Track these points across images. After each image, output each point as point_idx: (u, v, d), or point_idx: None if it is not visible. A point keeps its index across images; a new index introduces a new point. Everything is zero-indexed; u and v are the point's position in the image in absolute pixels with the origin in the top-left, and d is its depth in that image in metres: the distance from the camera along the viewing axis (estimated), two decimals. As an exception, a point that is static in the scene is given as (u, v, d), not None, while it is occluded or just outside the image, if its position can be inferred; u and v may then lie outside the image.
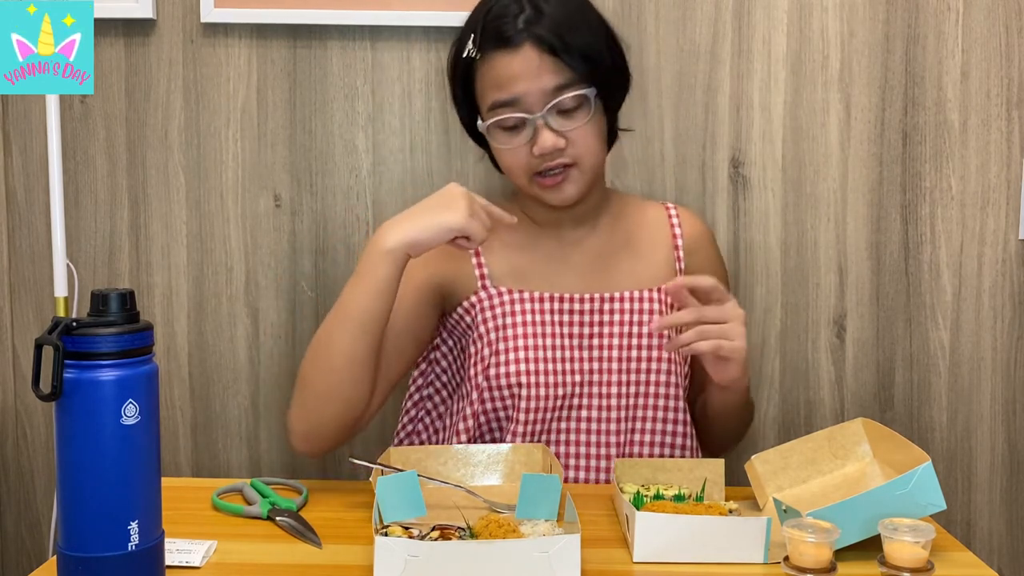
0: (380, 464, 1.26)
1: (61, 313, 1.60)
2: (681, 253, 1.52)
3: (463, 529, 1.12)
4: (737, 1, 1.74)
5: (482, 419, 1.43)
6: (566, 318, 1.44)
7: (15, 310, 1.80)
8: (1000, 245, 1.77)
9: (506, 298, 1.44)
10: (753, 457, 1.29)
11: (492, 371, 1.41)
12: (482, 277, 1.45)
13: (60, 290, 1.60)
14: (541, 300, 1.44)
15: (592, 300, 1.45)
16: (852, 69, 1.75)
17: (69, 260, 1.62)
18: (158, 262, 1.79)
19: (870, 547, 1.07)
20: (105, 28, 1.72)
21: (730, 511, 1.22)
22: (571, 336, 1.44)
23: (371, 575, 1.01)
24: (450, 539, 1.09)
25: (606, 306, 1.45)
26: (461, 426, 1.44)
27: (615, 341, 1.45)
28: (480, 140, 1.48)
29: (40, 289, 1.79)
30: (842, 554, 1.06)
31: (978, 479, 1.81)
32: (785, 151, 1.76)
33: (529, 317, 1.43)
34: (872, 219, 1.77)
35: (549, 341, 1.43)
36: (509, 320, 1.43)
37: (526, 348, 1.42)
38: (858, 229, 1.77)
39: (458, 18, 1.69)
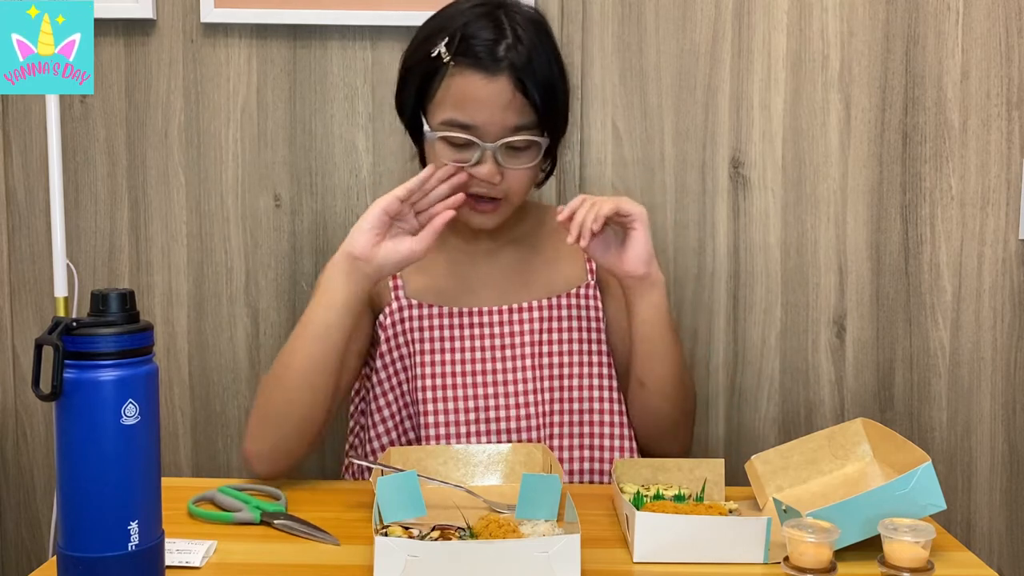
0: (380, 464, 1.26)
1: (61, 313, 1.60)
2: None
3: (463, 529, 1.12)
4: (737, 1, 1.74)
5: (395, 435, 1.44)
6: (477, 331, 1.45)
7: (15, 310, 1.80)
8: (1000, 245, 1.77)
9: (416, 312, 1.44)
10: (753, 457, 1.29)
11: (405, 387, 1.43)
12: (396, 288, 1.46)
13: (60, 290, 1.60)
14: (451, 315, 1.44)
15: (501, 312, 1.45)
16: (852, 69, 1.75)
17: (69, 260, 1.62)
18: (158, 262, 1.79)
19: (870, 547, 1.07)
20: (105, 28, 1.72)
21: (730, 511, 1.22)
22: (483, 349, 1.44)
23: (371, 575, 1.01)
24: (450, 539, 1.09)
25: (515, 316, 1.46)
26: (376, 444, 1.44)
27: (528, 350, 1.44)
28: (415, 136, 1.45)
29: (40, 289, 1.79)
30: (842, 554, 1.06)
31: (978, 479, 1.81)
32: (785, 151, 1.76)
33: (438, 333, 1.44)
34: (872, 219, 1.77)
35: (458, 356, 1.43)
36: (418, 335, 1.43)
37: (433, 364, 1.42)
38: (858, 229, 1.77)
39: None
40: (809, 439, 1.30)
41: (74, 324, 0.92)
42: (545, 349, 1.45)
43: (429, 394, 1.41)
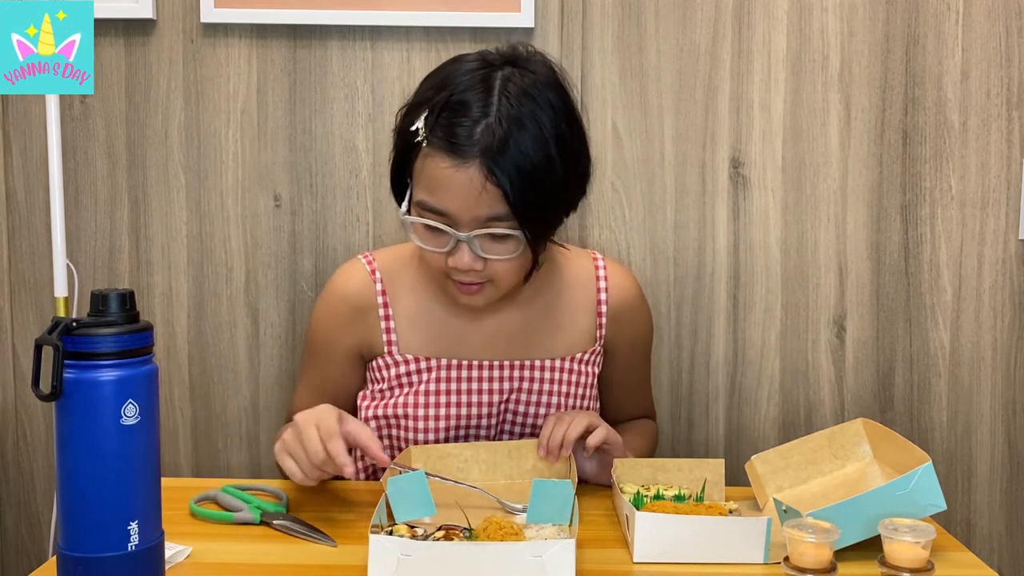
0: (397, 465, 1.27)
1: (61, 313, 1.60)
2: (604, 320, 1.45)
3: (467, 530, 1.12)
4: (737, 1, 1.74)
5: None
6: (475, 385, 1.40)
7: (15, 310, 1.80)
8: (1000, 245, 1.77)
9: (412, 367, 1.39)
10: (753, 457, 1.29)
11: (389, 431, 1.40)
12: (389, 344, 1.40)
13: (60, 290, 1.60)
14: (448, 367, 1.39)
15: (502, 367, 1.40)
16: (852, 69, 1.75)
17: (69, 260, 1.62)
18: (158, 262, 1.79)
19: (870, 547, 1.07)
20: (105, 28, 1.72)
21: (730, 511, 1.22)
22: (479, 404, 1.40)
23: (366, 574, 1.01)
24: (453, 539, 1.09)
25: (516, 373, 1.41)
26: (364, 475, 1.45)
27: (521, 408, 1.41)
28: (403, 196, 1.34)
29: (40, 289, 1.79)
30: (842, 554, 1.06)
31: (978, 479, 1.81)
32: (785, 151, 1.76)
33: (433, 386, 1.38)
34: (872, 219, 1.77)
35: (452, 410, 1.39)
36: (410, 390, 1.38)
37: (421, 418, 1.38)
38: (858, 229, 1.77)
39: (458, 18, 1.71)
40: (809, 439, 1.30)
41: (74, 324, 0.92)
42: (542, 411, 1.42)
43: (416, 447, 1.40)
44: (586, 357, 1.44)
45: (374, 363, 1.42)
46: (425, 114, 1.24)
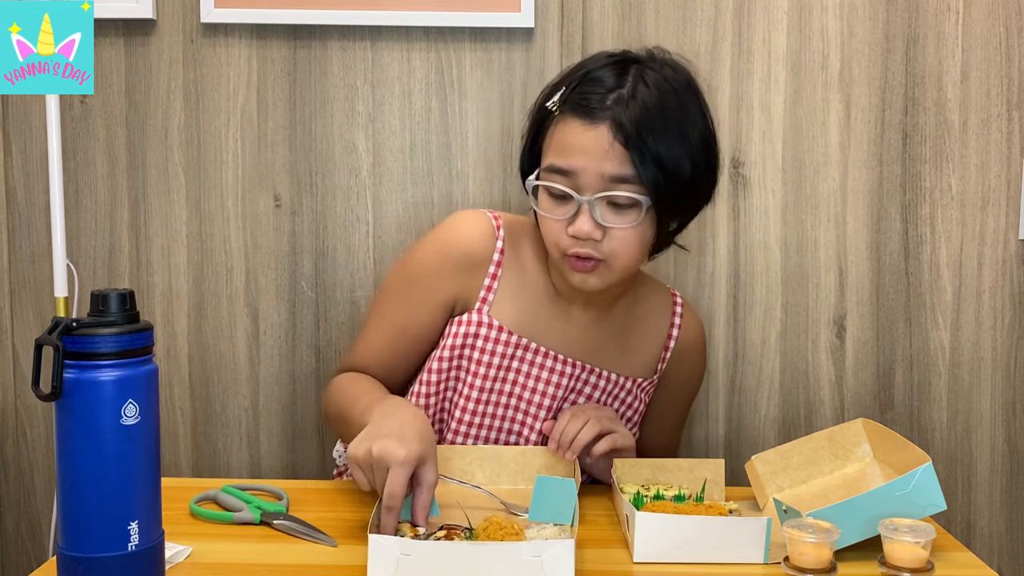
0: None
1: (61, 313, 1.60)
2: (668, 355, 1.49)
3: (468, 530, 1.13)
4: (737, 1, 1.74)
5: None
6: (544, 374, 1.41)
7: (15, 310, 1.80)
8: (1000, 245, 1.77)
9: (492, 333, 1.40)
10: (753, 457, 1.29)
11: (449, 393, 1.41)
12: (483, 300, 1.40)
13: (60, 290, 1.60)
14: (525, 348, 1.40)
15: (574, 365, 1.42)
16: (852, 69, 1.75)
17: (69, 260, 1.62)
18: (158, 262, 1.79)
19: (870, 547, 1.07)
20: (105, 28, 1.72)
21: (730, 511, 1.22)
22: (542, 394, 1.41)
23: (365, 574, 1.01)
24: (454, 539, 1.09)
25: (583, 375, 1.43)
26: None
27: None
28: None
29: (40, 289, 1.79)
30: (842, 554, 1.07)
31: (978, 479, 1.81)
32: (785, 151, 1.76)
33: (506, 362, 1.40)
34: (872, 219, 1.77)
35: (517, 390, 1.41)
36: (485, 358, 1.40)
37: (489, 390, 1.40)
38: (858, 229, 1.77)
39: (458, 18, 1.71)
40: (809, 439, 1.30)
41: (74, 324, 0.92)
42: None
43: (466, 416, 1.40)
44: (644, 385, 1.47)
45: (459, 319, 1.41)
46: (562, 90, 1.32)
